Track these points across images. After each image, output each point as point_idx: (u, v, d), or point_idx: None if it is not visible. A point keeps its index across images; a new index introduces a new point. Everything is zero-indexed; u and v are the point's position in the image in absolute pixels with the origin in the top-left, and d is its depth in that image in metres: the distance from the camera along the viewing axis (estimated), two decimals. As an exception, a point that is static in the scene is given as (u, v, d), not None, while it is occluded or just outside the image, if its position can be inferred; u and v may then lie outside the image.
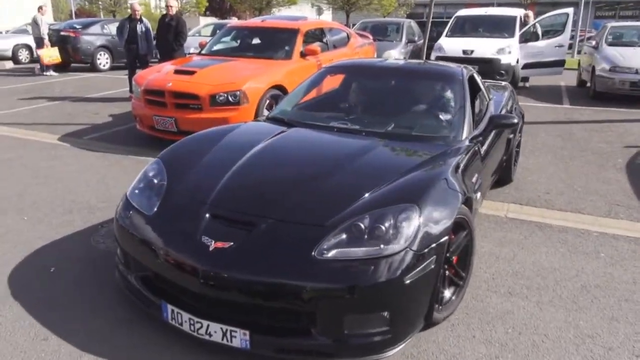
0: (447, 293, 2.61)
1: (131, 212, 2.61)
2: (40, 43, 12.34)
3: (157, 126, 5.85)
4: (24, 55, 15.55)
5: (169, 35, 8.36)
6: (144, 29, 8.88)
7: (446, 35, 11.24)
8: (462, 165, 2.85)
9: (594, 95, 9.38)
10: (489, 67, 9.93)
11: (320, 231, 2.21)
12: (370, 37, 9.70)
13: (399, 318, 2.20)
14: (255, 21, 8.09)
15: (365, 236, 2.19)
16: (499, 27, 10.95)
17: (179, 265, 2.25)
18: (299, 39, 6.93)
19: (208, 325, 2.19)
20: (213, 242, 2.23)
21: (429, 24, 9.85)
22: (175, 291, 2.34)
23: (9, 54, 15.26)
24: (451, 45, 10.46)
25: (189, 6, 30.59)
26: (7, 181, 4.70)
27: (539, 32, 10.81)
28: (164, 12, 8.78)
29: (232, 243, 2.21)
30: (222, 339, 2.18)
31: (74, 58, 13.36)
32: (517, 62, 10.38)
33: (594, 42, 10.36)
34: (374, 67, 4.17)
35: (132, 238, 2.51)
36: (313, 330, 2.14)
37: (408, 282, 2.12)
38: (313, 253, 2.13)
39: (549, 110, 8.59)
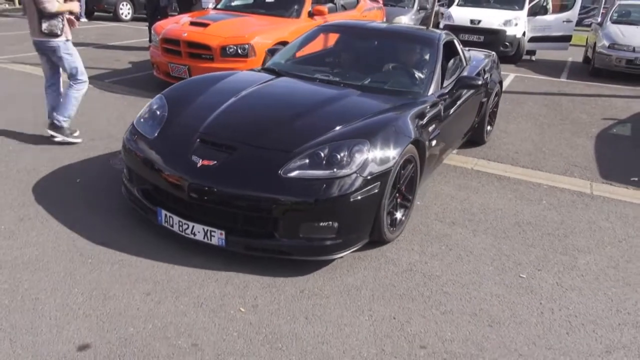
0: (399, 215, 3.22)
1: (136, 136, 3.17)
2: None
3: (172, 73, 6.42)
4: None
5: (188, -11, 8.83)
6: (164, -19, 9.34)
7: (457, 4, 11.48)
8: (420, 115, 3.37)
9: (592, 72, 9.68)
10: (494, 38, 10.25)
11: (287, 156, 2.73)
12: (380, 1, 10.03)
13: (346, 228, 2.73)
14: (268, -20, 8.49)
15: (324, 162, 2.70)
16: (509, -2, 11.14)
17: (172, 178, 2.78)
18: (308, 0, 7.36)
19: (193, 227, 2.75)
20: (200, 160, 2.75)
21: (438, -8, 10.11)
22: (168, 200, 2.89)
23: (36, -1, 15.77)
24: (460, 14, 10.74)
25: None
26: (38, 112, 5.33)
27: (549, 6, 11.02)
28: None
29: (215, 162, 2.75)
30: (204, 238, 2.73)
31: (97, 7, 13.86)
32: (524, 34, 10.65)
33: (599, 19, 10.55)
34: (362, 28, 4.65)
35: (136, 157, 3.07)
36: (276, 233, 2.69)
37: (352, 199, 2.65)
38: (279, 172, 2.66)
39: (545, 83, 8.95)
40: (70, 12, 4.37)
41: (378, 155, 2.80)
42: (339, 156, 2.71)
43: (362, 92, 3.62)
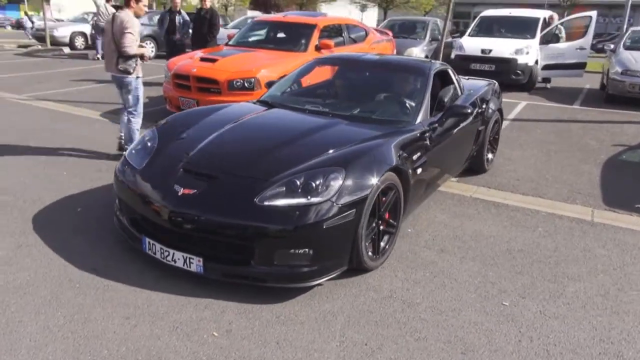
0: (382, 243, 3.23)
1: (126, 167, 3.30)
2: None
3: (182, 107, 6.65)
4: (79, 41, 16.92)
5: (204, 27, 9.22)
6: (182, 20, 9.77)
7: (469, 35, 11.61)
8: (404, 143, 3.41)
9: (607, 98, 9.57)
10: (505, 67, 10.30)
11: (263, 184, 2.80)
12: (390, 34, 10.23)
13: (321, 256, 2.75)
14: (278, 16, 8.81)
15: (299, 190, 2.75)
16: (521, 28, 11.22)
17: (155, 206, 2.89)
18: (315, 34, 7.58)
19: (173, 254, 2.82)
20: (182, 189, 2.85)
21: (447, 24, 10.28)
22: (152, 228, 2.98)
23: (67, 40, 16.65)
24: (471, 44, 10.85)
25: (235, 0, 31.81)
26: (55, 145, 5.60)
27: (562, 34, 11.03)
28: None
29: (196, 190, 2.85)
30: (183, 265, 2.80)
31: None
32: (537, 62, 10.66)
33: (612, 46, 10.49)
34: (355, 60, 4.78)
35: (125, 187, 3.19)
36: (252, 261, 2.72)
37: (326, 227, 2.67)
38: (255, 200, 2.73)
39: (556, 110, 8.89)
40: (142, 57, 5.01)
41: (354, 183, 2.84)
42: (314, 184, 2.76)
43: (349, 121, 3.70)
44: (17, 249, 3.23)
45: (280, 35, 8.09)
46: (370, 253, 3.06)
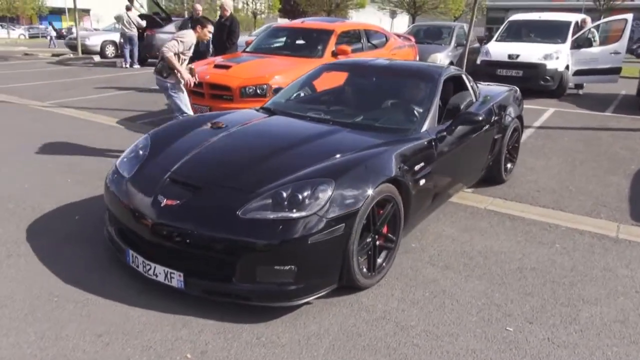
0: (379, 260, 3.02)
1: (115, 176, 3.20)
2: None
3: (196, 114, 6.61)
4: (110, 50, 17.29)
5: (223, 35, 9.20)
6: (203, 28, 9.80)
7: (496, 40, 11.24)
8: (406, 152, 3.20)
9: (642, 105, 9.07)
10: (533, 72, 9.90)
11: (248, 196, 2.64)
12: (413, 39, 9.99)
13: (307, 273, 2.56)
14: (296, 22, 8.71)
15: (285, 202, 2.57)
16: (552, 32, 10.78)
17: (138, 216, 2.78)
18: (332, 39, 7.43)
19: (155, 267, 2.68)
20: (165, 199, 2.73)
21: (471, 30, 9.97)
22: (136, 239, 2.85)
23: (98, 49, 17.05)
24: (497, 49, 10.48)
25: (264, 7, 32.11)
26: (65, 151, 5.62)
27: (596, 38, 10.54)
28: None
29: (179, 201, 2.71)
30: (165, 280, 2.66)
31: (149, 54, 14.74)
32: (567, 68, 10.21)
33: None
34: (363, 65, 4.59)
35: (112, 197, 3.09)
36: (233, 278, 2.56)
37: (310, 242, 2.49)
38: (238, 212, 2.57)
39: (585, 117, 8.44)
40: (181, 76, 5.18)
41: (344, 195, 2.65)
42: (300, 196, 2.59)
43: (351, 129, 3.52)
44: (6, 259, 3.18)
45: (298, 41, 7.98)
46: (364, 270, 2.86)
